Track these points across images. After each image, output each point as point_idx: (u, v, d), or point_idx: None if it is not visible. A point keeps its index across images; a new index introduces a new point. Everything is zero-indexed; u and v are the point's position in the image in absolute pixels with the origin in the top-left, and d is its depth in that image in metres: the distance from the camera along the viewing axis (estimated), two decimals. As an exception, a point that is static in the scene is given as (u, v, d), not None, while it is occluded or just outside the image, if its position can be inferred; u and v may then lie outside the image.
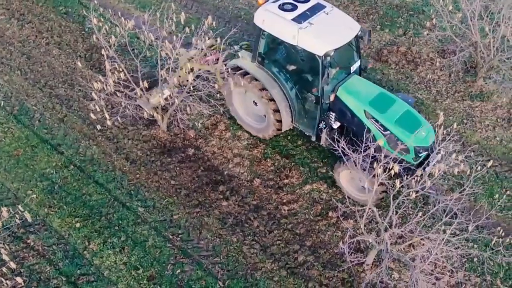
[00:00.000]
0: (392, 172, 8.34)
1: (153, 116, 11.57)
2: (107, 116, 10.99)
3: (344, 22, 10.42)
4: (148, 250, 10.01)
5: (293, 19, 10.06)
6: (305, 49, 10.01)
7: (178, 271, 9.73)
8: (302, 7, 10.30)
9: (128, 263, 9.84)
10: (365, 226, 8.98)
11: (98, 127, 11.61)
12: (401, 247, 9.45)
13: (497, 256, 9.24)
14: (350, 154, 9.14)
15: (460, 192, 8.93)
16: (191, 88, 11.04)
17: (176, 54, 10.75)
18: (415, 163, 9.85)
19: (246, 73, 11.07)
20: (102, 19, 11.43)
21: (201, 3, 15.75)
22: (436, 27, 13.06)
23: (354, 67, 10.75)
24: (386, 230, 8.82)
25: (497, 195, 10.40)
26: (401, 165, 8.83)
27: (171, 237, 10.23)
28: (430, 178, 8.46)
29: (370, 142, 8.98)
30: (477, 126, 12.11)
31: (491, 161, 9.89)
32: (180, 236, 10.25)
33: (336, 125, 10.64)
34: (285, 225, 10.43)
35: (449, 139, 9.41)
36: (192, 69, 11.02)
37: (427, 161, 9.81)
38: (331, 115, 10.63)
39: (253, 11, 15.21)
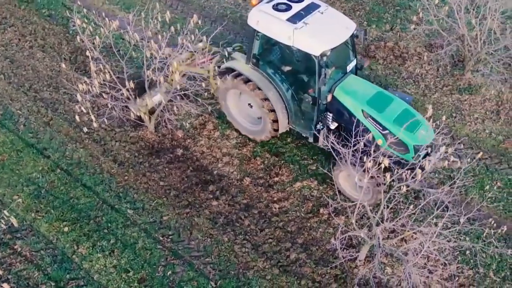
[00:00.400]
0: (383, 166, 8.35)
1: (140, 117, 11.53)
2: (93, 118, 10.96)
3: (339, 21, 10.38)
4: (138, 252, 9.96)
5: (288, 19, 9.99)
6: (301, 50, 9.94)
7: (169, 272, 9.68)
8: (296, 7, 10.23)
9: (118, 266, 9.77)
10: (356, 221, 9.00)
11: (85, 129, 11.55)
12: (393, 241, 9.50)
13: (489, 248, 9.32)
14: (340, 149, 9.15)
15: (451, 185, 9.00)
16: (178, 88, 11.02)
17: (162, 53, 10.73)
18: (415, 162, 9.81)
19: (248, 80, 10.83)
20: (86, 20, 11.36)
21: (186, 2, 15.73)
22: (422, 22, 13.14)
23: (350, 66, 10.68)
24: (377, 224, 8.85)
25: (487, 187, 10.47)
26: (391, 159, 8.86)
27: (161, 238, 10.19)
28: (421, 172, 8.48)
29: (363, 139, 8.97)
30: (466, 119, 12.20)
31: (481, 154, 10.00)
32: (170, 237, 10.21)
33: (333, 125, 10.57)
34: (276, 223, 10.43)
35: (439, 132, 9.49)
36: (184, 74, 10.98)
37: (426, 159, 9.73)
38: (328, 116, 10.56)
39: (239, 9, 15.32)
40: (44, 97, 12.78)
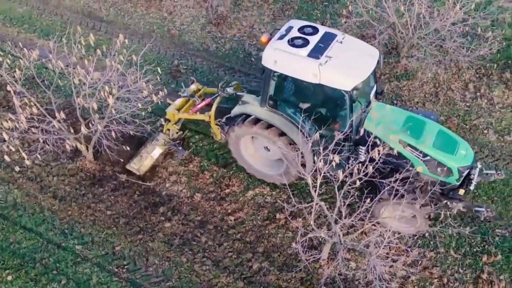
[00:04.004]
0: (333, 163, 8.63)
1: (76, 147, 11.45)
2: (25, 156, 10.77)
3: (361, 49, 10.07)
4: (93, 289, 9.90)
5: (309, 55, 9.56)
6: (329, 86, 9.56)
7: (130, 304, 9.71)
8: (313, 40, 9.83)
9: (73, 306, 9.70)
10: (314, 222, 9.32)
11: (17, 168, 11.34)
12: (354, 236, 9.91)
13: (447, 229, 9.85)
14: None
15: (403, 173, 9.43)
16: (113, 112, 11.02)
17: (91, 78, 10.72)
18: (458, 183, 9.88)
19: (283, 133, 10.38)
20: (1, 53, 11.23)
21: (109, 22, 15.76)
22: (352, 14, 13.76)
23: (372, 93, 10.47)
24: (336, 222, 9.16)
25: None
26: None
27: (116, 270, 10.17)
28: (371, 164, 8.82)
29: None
30: (407, 105, 12.86)
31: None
32: (126, 267, 10.23)
33: (363, 158, 9.95)
34: (234, 235, 10.65)
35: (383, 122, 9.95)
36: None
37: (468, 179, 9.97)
38: (360, 150, 10.21)
39: (166, 23, 15.50)
40: (-34, 141, 12.46)
